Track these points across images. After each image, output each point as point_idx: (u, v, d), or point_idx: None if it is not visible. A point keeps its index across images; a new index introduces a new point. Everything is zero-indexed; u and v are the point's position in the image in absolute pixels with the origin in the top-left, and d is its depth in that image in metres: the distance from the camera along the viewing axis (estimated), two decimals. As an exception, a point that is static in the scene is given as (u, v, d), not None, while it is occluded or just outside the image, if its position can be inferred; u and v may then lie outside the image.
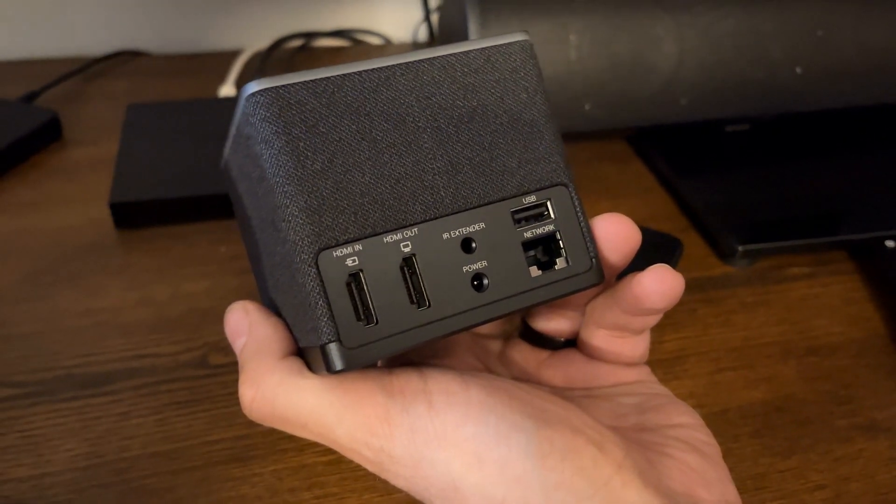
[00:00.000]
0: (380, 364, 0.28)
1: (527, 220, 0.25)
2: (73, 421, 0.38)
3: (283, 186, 0.22)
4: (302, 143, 0.22)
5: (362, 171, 0.23)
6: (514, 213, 0.25)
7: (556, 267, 0.25)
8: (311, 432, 0.25)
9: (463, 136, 0.24)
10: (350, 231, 0.22)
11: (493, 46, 0.25)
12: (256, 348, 0.25)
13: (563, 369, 0.30)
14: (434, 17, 0.79)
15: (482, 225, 0.24)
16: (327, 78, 0.23)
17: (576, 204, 0.25)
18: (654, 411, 0.28)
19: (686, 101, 0.58)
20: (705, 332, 0.45)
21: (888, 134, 0.62)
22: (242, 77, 0.69)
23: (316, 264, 0.22)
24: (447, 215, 0.24)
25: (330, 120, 0.23)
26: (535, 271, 0.25)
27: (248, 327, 0.26)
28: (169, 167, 0.53)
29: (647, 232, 0.49)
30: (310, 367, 0.25)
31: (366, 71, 0.23)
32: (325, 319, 0.22)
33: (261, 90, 0.22)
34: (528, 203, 0.25)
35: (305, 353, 0.25)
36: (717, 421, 0.40)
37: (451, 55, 0.25)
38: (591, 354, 0.30)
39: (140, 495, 0.35)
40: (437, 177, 0.24)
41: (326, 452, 0.36)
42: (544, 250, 0.25)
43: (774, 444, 0.39)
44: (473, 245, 0.24)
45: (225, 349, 0.42)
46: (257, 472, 0.36)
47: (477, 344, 0.32)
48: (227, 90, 0.66)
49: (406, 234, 0.23)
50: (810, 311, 0.47)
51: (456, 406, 0.23)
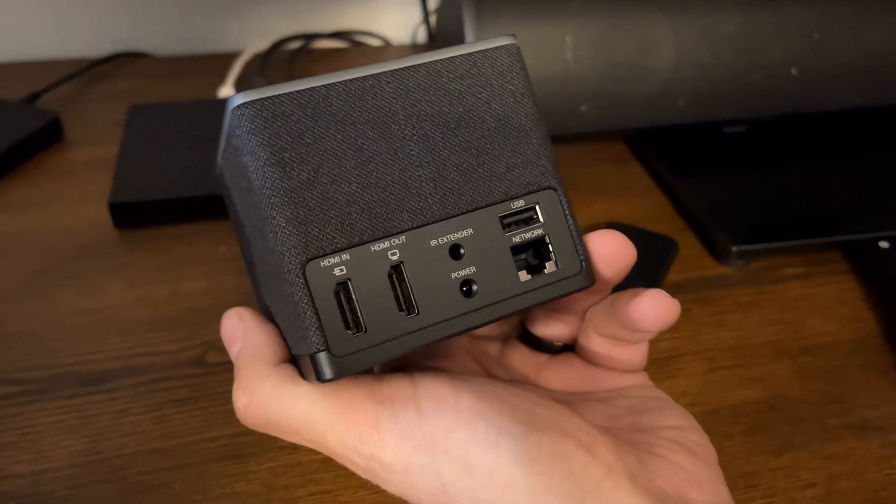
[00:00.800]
0: (376, 369, 0.29)
1: (515, 224, 0.25)
2: (73, 418, 0.38)
3: (269, 198, 0.22)
4: (287, 154, 0.22)
5: (349, 181, 0.23)
6: (502, 218, 0.25)
7: (546, 271, 0.25)
8: (304, 438, 0.25)
9: (450, 142, 0.24)
10: (337, 241, 0.22)
11: (480, 51, 0.25)
12: (250, 355, 0.26)
13: (562, 373, 0.30)
14: (433, 19, 0.79)
15: (470, 231, 0.24)
16: (312, 88, 0.23)
17: (564, 207, 0.26)
18: (649, 413, 0.28)
19: (683, 102, 0.58)
20: (700, 331, 0.46)
21: (883, 136, 0.63)
22: (242, 78, 0.70)
23: (303, 274, 0.22)
24: (435, 222, 0.24)
25: (315, 130, 0.23)
26: (524, 275, 0.25)
27: (242, 334, 0.26)
28: (169, 168, 0.54)
29: (643, 233, 0.50)
30: (302, 374, 0.25)
31: (351, 80, 0.23)
32: (314, 329, 0.22)
33: (245, 102, 0.22)
34: (517, 208, 0.25)
35: (297, 361, 0.25)
36: (710, 419, 0.40)
37: (436, 61, 0.25)
38: (589, 360, 0.30)
39: (137, 491, 0.35)
40: (424, 184, 0.24)
41: (322, 450, 0.37)
42: (534, 254, 0.25)
43: (766, 443, 0.39)
44: (462, 251, 0.24)
45: (223, 348, 0.42)
46: (253, 469, 0.36)
47: (475, 346, 0.32)
48: (226, 91, 0.67)
49: (394, 241, 0.23)
50: (804, 311, 0.47)
51: (446, 412, 0.23)
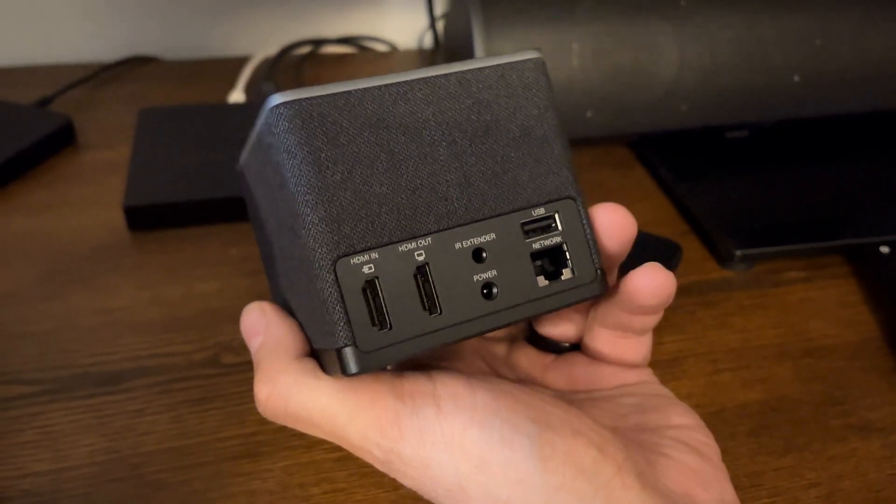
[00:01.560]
0: (389, 367, 0.29)
1: (535, 231, 0.26)
2: (90, 418, 0.39)
3: (304, 196, 0.23)
4: (323, 155, 0.23)
5: (380, 182, 0.24)
6: (523, 224, 0.25)
7: (563, 277, 0.26)
8: (323, 431, 0.26)
9: (476, 150, 0.25)
10: (367, 240, 0.23)
11: (508, 63, 0.26)
12: (272, 348, 0.26)
13: (568, 372, 0.31)
14: (439, 25, 0.80)
15: (493, 236, 0.25)
16: (348, 92, 0.24)
17: (583, 217, 0.26)
18: (654, 412, 0.28)
19: (686, 107, 0.59)
20: (704, 334, 0.46)
21: (884, 141, 0.63)
22: (251, 83, 0.71)
23: (334, 271, 0.23)
24: (460, 226, 0.24)
25: (350, 132, 0.23)
26: (542, 281, 0.25)
27: (264, 327, 0.27)
28: (180, 171, 0.55)
29: (647, 237, 0.51)
30: (323, 368, 0.26)
31: (385, 85, 0.24)
32: (342, 324, 0.23)
33: (285, 102, 0.23)
34: (537, 215, 0.26)
35: (319, 355, 0.26)
36: (715, 420, 0.41)
37: (466, 71, 0.25)
38: (594, 356, 0.31)
39: (155, 489, 0.36)
40: (450, 188, 0.24)
41: (335, 449, 0.38)
42: (551, 261, 0.26)
43: (770, 443, 0.40)
44: (484, 255, 0.25)
45: (236, 349, 0.43)
46: (268, 467, 0.37)
47: (484, 347, 0.33)
48: (236, 96, 0.67)
49: (420, 243, 0.24)
50: (806, 314, 0.48)
51: (463, 410, 0.24)
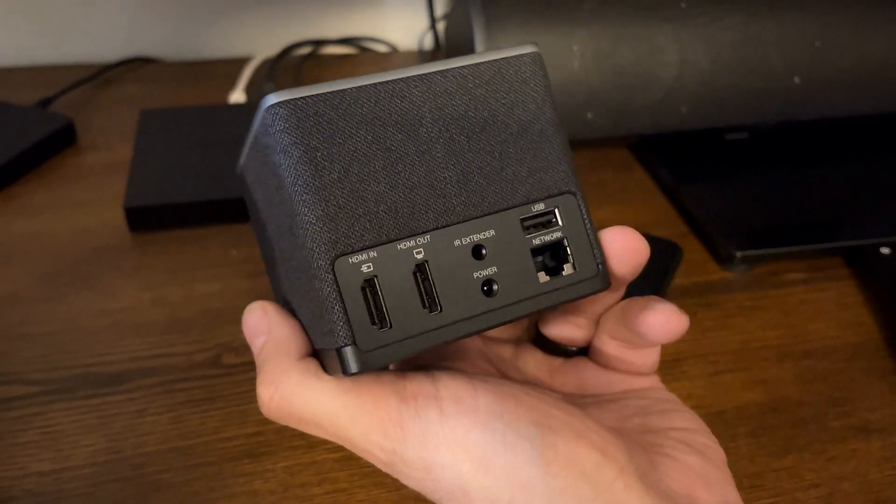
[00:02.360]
0: (391, 367, 0.29)
1: (535, 227, 0.26)
2: (92, 418, 0.39)
3: (301, 195, 0.23)
4: (319, 154, 0.23)
5: (377, 181, 0.24)
6: (523, 220, 0.25)
7: (564, 273, 0.26)
8: (326, 432, 0.26)
9: (474, 146, 0.25)
10: (365, 238, 0.23)
11: (504, 58, 0.26)
12: (275, 348, 0.26)
13: (575, 377, 0.31)
14: (440, 26, 0.80)
15: (492, 232, 0.25)
16: (343, 90, 0.24)
17: (583, 211, 0.26)
18: (658, 415, 0.28)
19: (686, 109, 0.59)
20: (704, 335, 0.46)
21: (884, 143, 0.64)
22: (252, 83, 0.71)
23: (332, 270, 0.23)
24: (459, 223, 0.24)
25: (346, 131, 0.23)
26: (543, 277, 0.25)
27: (266, 328, 0.27)
28: (182, 172, 0.55)
29: (647, 238, 0.51)
30: (325, 369, 0.26)
31: (381, 83, 0.24)
32: (342, 324, 0.23)
33: (280, 102, 0.23)
34: (537, 211, 0.26)
35: (321, 355, 0.26)
36: (715, 421, 0.41)
37: (463, 67, 0.25)
38: (603, 363, 0.30)
39: (157, 489, 0.36)
40: (448, 185, 0.24)
41: (337, 449, 0.38)
42: (552, 256, 0.26)
43: (770, 444, 0.40)
44: (484, 252, 0.25)
45: (237, 349, 0.43)
46: (269, 467, 0.37)
47: (489, 349, 0.32)
48: (237, 96, 0.67)
49: (419, 241, 0.24)
50: (806, 316, 0.48)
51: (465, 412, 0.24)
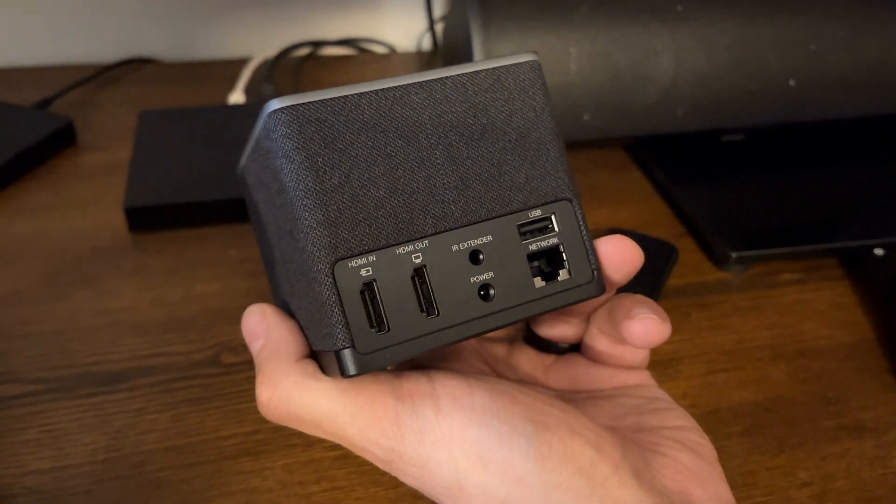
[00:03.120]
0: (389, 368, 0.30)
1: (532, 233, 0.26)
2: (92, 416, 0.39)
3: (302, 200, 0.23)
4: (321, 159, 0.23)
5: (377, 186, 0.24)
6: (520, 226, 0.26)
7: (559, 278, 0.26)
8: (325, 431, 0.26)
9: (473, 153, 0.25)
10: (365, 243, 0.23)
11: (504, 66, 0.26)
12: (273, 350, 0.27)
13: (568, 373, 0.31)
14: (438, 27, 0.81)
15: (490, 238, 0.25)
16: (345, 96, 0.24)
17: (579, 218, 0.27)
18: (652, 413, 0.29)
19: (682, 111, 0.59)
20: (699, 335, 0.47)
21: (879, 145, 0.64)
22: (251, 84, 0.71)
23: (332, 274, 0.23)
24: (457, 228, 0.25)
25: (347, 136, 0.24)
26: (539, 282, 0.26)
27: (265, 330, 0.27)
28: (181, 172, 0.55)
29: (643, 239, 0.51)
30: (323, 370, 0.26)
31: (382, 90, 0.24)
32: (340, 327, 0.23)
33: (282, 108, 0.23)
34: (534, 217, 0.26)
35: (319, 357, 0.26)
36: (709, 420, 0.41)
37: (462, 75, 0.26)
38: (594, 359, 0.31)
39: (156, 487, 0.36)
40: (447, 191, 0.25)
41: (334, 447, 0.38)
42: (548, 261, 0.26)
43: (764, 443, 0.40)
44: (481, 257, 0.25)
45: (236, 349, 0.44)
46: (268, 465, 0.37)
47: (483, 348, 0.33)
48: (236, 97, 0.68)
49: (417, 245, 0.24)
50: (801, 316, 0.49)
51: (461, 410, 0.24)
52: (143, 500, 0.36)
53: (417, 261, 0.24)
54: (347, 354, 0.23)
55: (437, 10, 0.80)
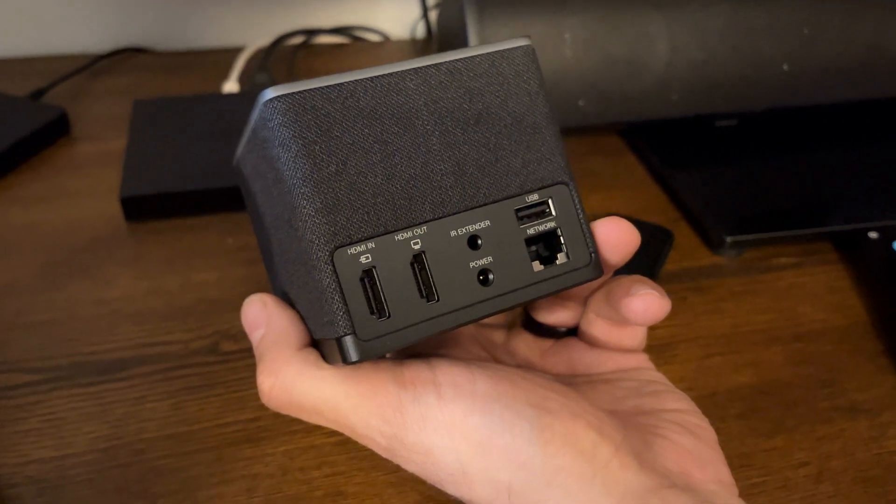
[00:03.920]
0: (389, 356, 0.30)
1: (529, 217, 0.26)
2: (92, 405, 0.39)
3: (300, 188, 0.23)
4: (317, 147, 0.23)
5: (374, 173, 0.24)
6: (517, 211, 0.26)
7: (557, 262, 0.26)
8: (327, 419, 0.26)
9: (469, 138, 0.25)
10: (363, 230, 0.23)
11: (498, 52, 0.26)
12: (274, 339, 0.27)
13: (566, 357, 0.32)
14: (432, 15, 0.81)
15: (488, 223, 0.25)
16: (340, 84, 0.24)
17: (576, 201, 0.27)
18: (651, 396, 0.29)
19: (677, 97, 0.59)
20: (695, 319, 0.47)
21: (872, 129, 0.64)
22: (245, 73, 0.71)
23: (332, 262, 0.23)
24: (455, 214, 0.25)
25: (343, 124, 0.24)
26: (537, 266, 0.26)
27: (266, 319, 0.27)
28: (176, 162, 0.55)
29: (639, 224, 0.51)
30: (325, 358, 0.26)
31: (377, 77, 0.24)
32: (341, 314, 0.23)
33: (278, 96, 0.23)
34: (531, 201, 0.26)
35: (320, 345, 0.27)
36: (706, 403, 0.41)
37: (457, 60, 0.26)
38: (591, 342, 0.31)
39: (158, 474, 0.36)
40: (444, 177, 0.25)
41: (334, 433, 0.38)
42: (546, 245, 0.27)
43: (760, 425, 0.41)
44: (479, 242, 0.25)
45: (235, 337, 0.44)
46: (269, 452, 0.38)
47: (482, 334, 0.33)
48: (230, 86, 0.68)
49: (416, 231, 0.24)
50: (796, 300, 0.49)
51: (463, 397, 0.25)
52: (144, 487, 0.36)
53: (416, 247, 0.24)
54: (349, 341, 0.23)
55: (431, -2, 0.80)
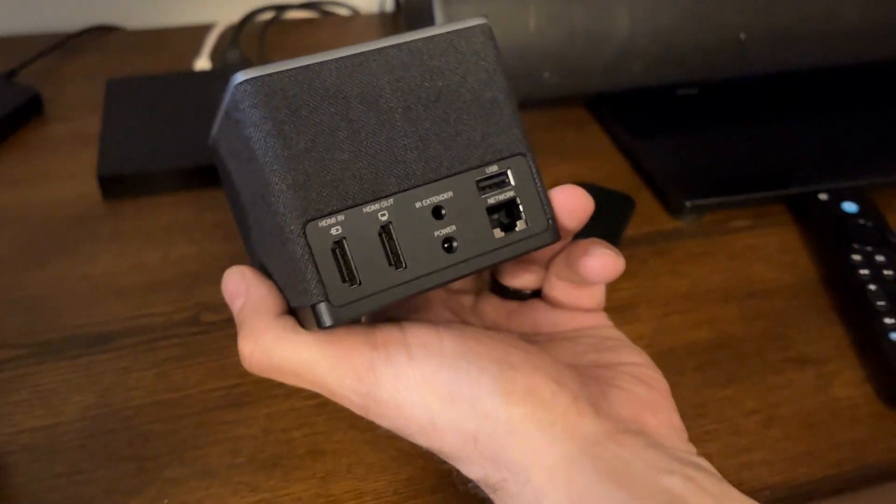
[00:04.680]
0: (363, 320, 0.32)
1: (490, 187, 0.28)
2: (80, 376, 0.41)
3: (271, 166, 0.25)
4: (287, 127, 0.25)
5: (342, 150, 0.26)
6: (478, 181, 0.28)
7: (517, 228, 0.28)
8: (305, 381, 0.28)
9: (431, 114, 0.27)
10: (333, 203, 0.25)
11: (456, 31, 0.28)
12: (254, 307, 0.28)
13: (530, 317, 0.34)
14: (400, -11, 0.81)
15: (450, 193, 0.27)
16: (307, 66, 0.26)
17: (533, 171, 0.29)
18: (609, 351, 0.31)
19: (639, 67, 0.61)
20: (656, 280, 0.50)
21: (825, 95, 0.67)
22: (216, 50, 0.72)
23: (304, 234, 0.25)
24: (419, 186, 0.27)
25: (311, 104, 0.25)
26: (498, 233, 0.28)
27: (245, 289, 0.29)
28: (151, 140, 0.56)
29: (603, 191, 0.54)
30: (301, 324, 0.28)
31: (341, 58, 0.26)
32: (315, 282, 0.25)
33: (248, 79, 0.25)
34: (491, 172, 0.28)
35: (297, 312, 0.28)
36: (665, 358, 0.44)
37: (417, 40, 0.27)
38: (554, 304, 0.33)
39: (147, 439, 0.38)
40: (408, 152, 0.27)
41: (314, 396, 0.40)
42: (506, 213, 0.28)
43: (714, 377, 0.43)
44: (443, 212, 0.27)
45: (215, 308, 0.45)
46: (251, 415, 0.40)
47: (451, 299, 0.35)
48: (202, 63, 0.68)
49: (383, 204, 0.26)
50: (750, 260, 0.52)
51: (432, 355, 0.27)
52: (134, 451, 0.38)
53: (384, 218, 0.26)
54: (323, 308, 0.25)
55: (399, -28, 0.81)
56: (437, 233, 0.27)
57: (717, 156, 0.58)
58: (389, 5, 0.83)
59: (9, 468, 0.36)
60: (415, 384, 0.27)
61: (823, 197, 0.54)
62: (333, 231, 0.25)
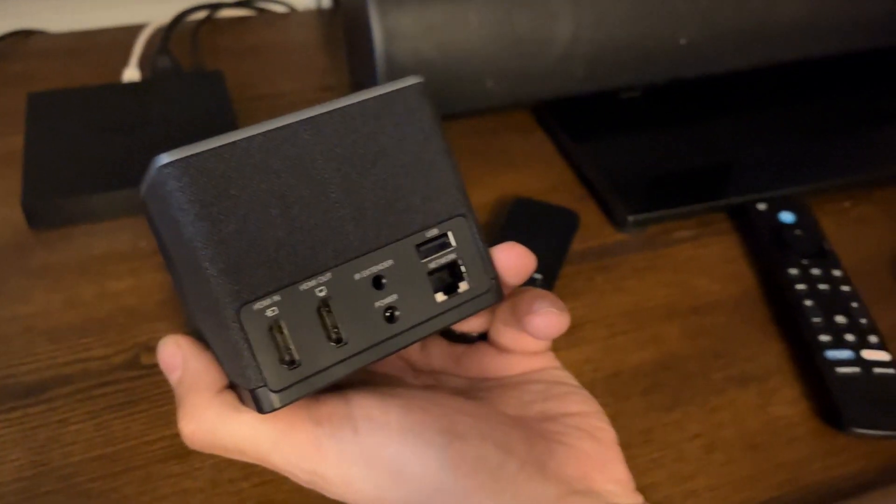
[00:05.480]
0: None
1: (430, 251, 0.27)
2: (14, 432, 0.40)
3: (201, 251, 0.24)
4: (215, 209, 0.24)
5: (275, 227, 0.25)
6: (418, 246, 0.27)
7: (460, 290, 0.28)
8: (249, 457, 0.28)
9: (368, 181, 0.26)
10: (267, 284, 0.24)
11: (389, 93, 0.27)
12: (192, 383, 0.28)
13: (478, 362, 0.34)
14: (337, -17, 0.79)
15: (390, 262, 0.27)
16: (233, 143, 0.24)
17: (474, 231, 0.28)
18: (556, 399, 0.32)
19: (582, 73, 0.61)
20: (601, 298, 0.50)
21: (766, 97, 0.68)
22: (146, 55, 0.69)
23: (239, 319, 0.24)
24: (357, 257, 0.26)
25: (239, 182, 0.24)
26: (440, 297, 0.27)
27: (181, 362, 0.28)
28: (80, 161, 0.53)
29: (547, 208, 0.54)
30: (241, 401, 0.27)
31: (268, 131, 0.25)
32: (252, 368, 0.24)
33: (171, 162, 0.24)
34: (431, 236, 0.27)
35: (236, 388, 0.28)
36: (611, 383, 0.45)
37: (349, 105, 0.26)
38: (501, 348, 0.33)
39: (88, 498, 0.37)
40: (345, 223, 0.26)
41: (261, 442, 0.40)
42: (449, 273, 0.28)
43: (660, 401, 0.44)
44: (384, 281, 0.26)
45: (155, 349, 0.44)
46: (197, 466, 0.39)
47: None
48: (130, 73, 0.65)
49: (320, 279, 0.25)
50: (693, 272, 0.52)
51: (378, 429, 0.26)
52: (75, 512, 0.37)
53: (321, 294, 0.25)
54: (261, 393, 0.24)
55: (336, -35, 0.78)
56: (378, 303, 0.26)
57: (659, 163, 0.59)
58: (326, 2, 0.81)
59: (-58, 541, 0.35)
60: (362, 459, 0.27)
61: (762, 207, 0.54)
62: (269, 312, 0.25)
